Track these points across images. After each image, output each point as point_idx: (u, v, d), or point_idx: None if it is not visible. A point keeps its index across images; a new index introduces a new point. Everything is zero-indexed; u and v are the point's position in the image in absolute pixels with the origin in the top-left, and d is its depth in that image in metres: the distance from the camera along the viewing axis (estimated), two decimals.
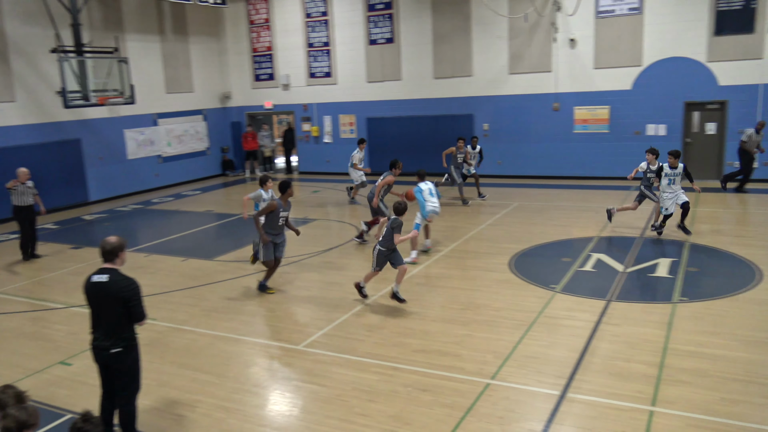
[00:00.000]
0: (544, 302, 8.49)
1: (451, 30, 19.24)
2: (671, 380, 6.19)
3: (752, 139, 15.09)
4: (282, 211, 8.92)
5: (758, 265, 9.62)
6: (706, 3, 16.12)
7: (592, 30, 17.43)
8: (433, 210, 10.97)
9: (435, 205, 11.02)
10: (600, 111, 17.72)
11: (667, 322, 7.65)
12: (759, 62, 15.85)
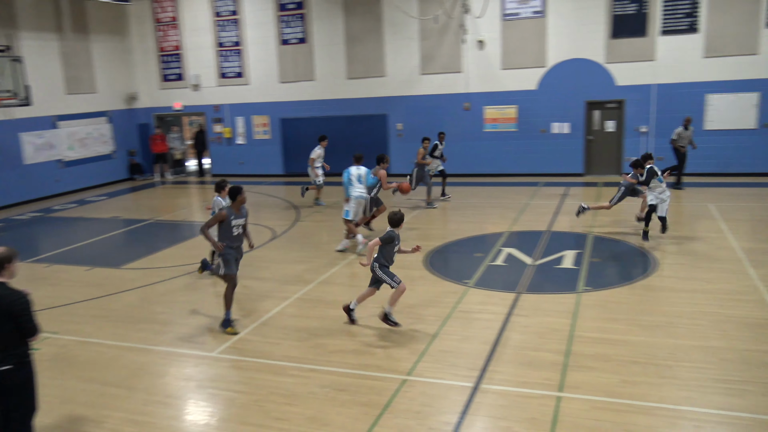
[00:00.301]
0: (458, 297, 8.70)
1: (364, 31, 19.35)
2: (577, 366, 6.50)
3: (681, 136, 15.63)
4: (234, 219, 7.79)
5: (654, 254, 10.26)
6: (603, 8, 17.00)
7: (498, 32, 18.00)
8: (360, 195, 11.14)
9: (359, 191, 11.17)
10: (508, 110, 18.33)
11: (573, 311, 8.02)
12: (652, 63, 16.89)
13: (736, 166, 16.59)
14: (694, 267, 9.61)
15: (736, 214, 12.68)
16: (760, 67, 16.07)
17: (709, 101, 16.62)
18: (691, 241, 11.03)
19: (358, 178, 11.30)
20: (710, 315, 7.72)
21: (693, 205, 13.82)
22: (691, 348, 6.82)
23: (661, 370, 6.37)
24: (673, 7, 16.46)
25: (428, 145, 15.06)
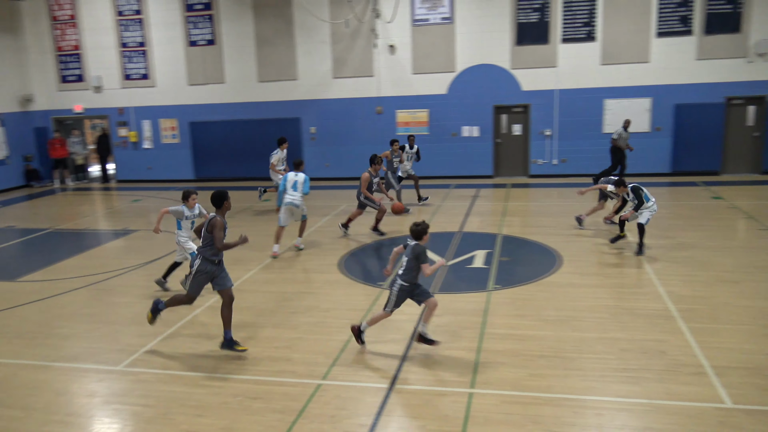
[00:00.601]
0: (372, 299, 8.75)
1: (275, 33, 19.14)
2: (488, 362, 6.68)
3: (622, 137, 16.39)
4: (227, 230, 7.09)
5: (559, 252, 10.73)
6: (508, 16, 17.63)
7: (409, 37, 18.29)
8: (291, 202, 11.04)
9: (291, 198, 11.07)
10: (420, 114, 18.65)
11: (484, 309, 8.25)
12: (554, 70, 17.67)
13: (632, 168, 17.60)
14: (597, 263, 10.12)
15: None
16: (652, 74, 17.17)
17: (606, 106, 17.58)
18: (593, 238, 11.61)
19: (294, 185, 11.13)
20: (611, 308, 8.15)
21: (593, 204, 14.51)
22: (594, 340, 7.17)
23: (567, 362, 6.65)
24: (572, 17, 17.30)
25: (397, 148, 14.80)
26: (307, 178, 11.35)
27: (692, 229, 12.00)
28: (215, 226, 6.87)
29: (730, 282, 9.00)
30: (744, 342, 6.97)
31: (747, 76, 16.77)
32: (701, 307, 8.02)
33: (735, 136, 17.22)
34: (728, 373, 6.24)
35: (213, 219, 6.95)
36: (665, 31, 16.92)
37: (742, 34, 16.59)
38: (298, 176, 11.22)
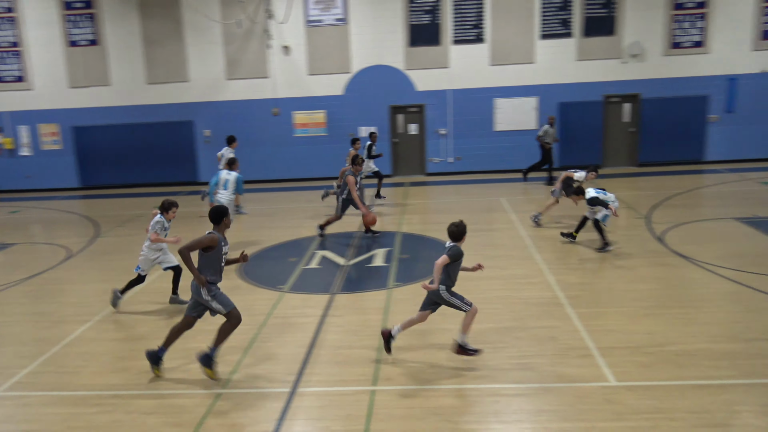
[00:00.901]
0: (273, 303, 8.62)
1: (163, 34, 18.42)
2: (390, 359, 6.75)
3: (548, 133, 16.77)
4: (225, 247, 6.54)
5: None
6: (400, 17, 17.92)
7: (303, 38, 18.17)
8: (218, 201, 10.89)
9: (220, 196, 11.00)
10: (317, 115, 18.59)
11: (385, 307, 8.33)
12: (447, 70, 18.16)
13: (521, 163, 18.40)
14: (491, 256, 10.48)
15: (523, 206, 14.06)
16: (537, 74, 18.03)
17: (497, 105, 18.27)
18: (487, 232, 12.02)
19: (225, 184, 11.13)
20: (504, 299, 8.47)
21: (488, 199, 15.07)
22: (489, 330, 7.42)
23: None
24: (461, 19, 17.84)
25: (359, 147, 14.68)
26: (239, 178, 11.26)
27: (579, 220, 12.67)
28: (201, 241, 6.32)
29: (613, 268, 9.60)
30: (626, 323, 7.46)
31: (622, 75, 17.96)
32: (587, 293, 8.51)
33: (613, 131, 18.40)
34: (612, 353, 6.65)
35: (210, 233, 6.38)
36: (548, 34, 17.81)
37: (616, 37, 17.76)
38: (230, 175, 11.16)
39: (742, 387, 5.90)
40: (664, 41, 17.75)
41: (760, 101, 17.78)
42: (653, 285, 8.76)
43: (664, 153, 18.20)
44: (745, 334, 7.03)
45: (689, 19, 17.61)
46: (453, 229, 6.51)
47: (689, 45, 17.75)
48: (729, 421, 5.36)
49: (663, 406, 5.61)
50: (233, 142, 14.68)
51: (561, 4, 17.64)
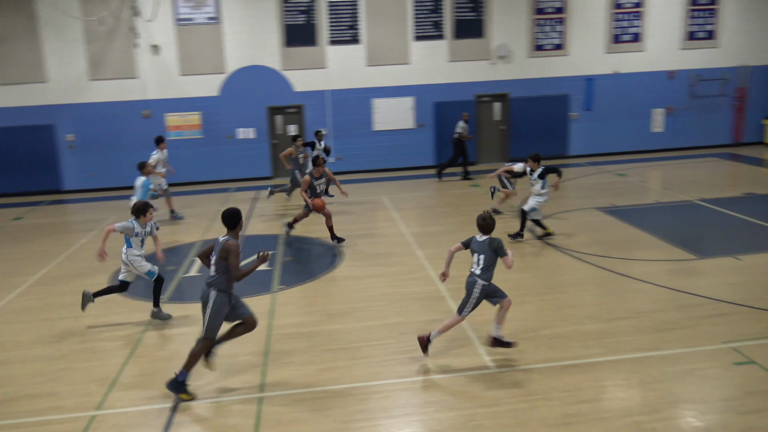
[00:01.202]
0: (149, 315, 8.20)
1: (15, 30, 16.95)
2: (276, 364, 6.66)
3: (465, 130, 17.06)
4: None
5: (339, 247, 11.05)
6: (275, 17, 17.68)
7: (174, 37, 17.44)
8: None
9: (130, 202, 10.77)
10: (192, 117, 17.92)
11: (269, 310, 8.19)
12: (324, 71, 18.15)
13: (400, 161, 18.80)
14: (375, 254, 10.61)
15: (404, 204, 14.37)
16: (413, 74, 18.48)
17: (375, 105, 18.52)
18: (370, 231, 12.16)
19: (135, 189, 11.11)
20: (389, 295, 8.60)
21: (370, 198, 15.24)
22: (376, 327, 7.52)
23: (352, 352, 6.89)
24: (337, 20, 17.91)
25: (300, 145, 14.17)
26: (144, 183, 10.77)
27: (457, 215, 13.16)
28: (230, 252, 5.80)
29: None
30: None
31: (492, 76, 18.84)
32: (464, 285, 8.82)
33: (486, 129, 19.25)
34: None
35: (226, 243, 5.86)
36: (421, 35, 18.31)
37: (485, 39, 18.59)
38: (137, 180, 10.75)
39: (608, 363, 6.38)
40: (528, 44, 18.81)
41: (613, 100, 19.32)
42: (526, 274, 9.26)
43: (532, 149, 19.18)
44: (609, 314, 7.61)
45: (549, 23, 18.78)
46: (482, 223, 6.36)
47: (550, 48, 18.94)
48: (598, 396, 5.78)
49: (539, 387, 5.95)
50: (161, 143, 13.81)
51: (432, 7, 18.19)
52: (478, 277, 6.32)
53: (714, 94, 19.75)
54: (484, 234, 6.37)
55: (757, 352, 6.43)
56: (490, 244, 6.29)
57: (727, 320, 7.27)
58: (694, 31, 19.41)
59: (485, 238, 6.36)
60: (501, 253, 6.26)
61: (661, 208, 12.89)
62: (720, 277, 8.76)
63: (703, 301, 7.88)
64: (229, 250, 5.81)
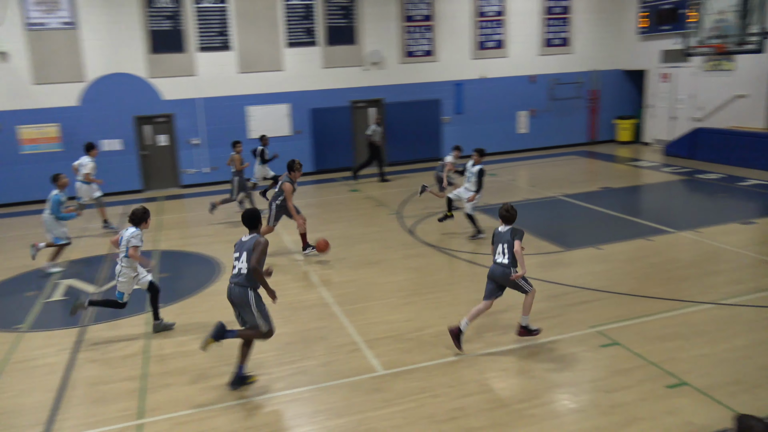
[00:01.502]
0: (9, 347, 7.49)
1: None
2: (156, 387, 6.31)
3: (377, 132, 17.19)
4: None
5: (219, 259, 10.71)
6: (138, 23, 16.83)
7: (24, 43, 16.10)
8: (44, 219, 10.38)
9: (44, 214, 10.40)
10: (49, 129, 16.61)
11: (145, 331, 7.76)
12: (194, 78, 17.53)
13: (278, 169, 18.44)
14: None
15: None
16: (287, 81, 18.31)
17: (250, 112, 18.15)
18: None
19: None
20: (273, 306, 8.42)
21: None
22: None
23: (231, 368, 6.66)
24: (206, 26, 17.37)
25: (241, 150, 13.70)
26: (54, 198, 10.24)
27: (338, 220, 13.18)
28: (258, 246, 6.02)
29: (372, 263, 10.14)
30: (388, 314, 7.94)
31: (365, 82, 19.08)
32: (351, 290, 8.87)
33: (362, 134, 19.43)
34: (378, 345, 7.03)
35: (257, 239, 6.07)
36: (294, 42, 18.19)
37: (358, 46, 18.80)
38: (52, 193, 10.32)
39: (488, 356, 6.65)
40: (399, 50, 19.26)
41: (481, 103, 20.25)
42: (409, 275, 9.45)
43: (408, 153, 19.76)
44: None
45: (419, 30, 19.36)
46: (506, 214, 6.72)
47: (421, 54, 19.52)
48: (482, 389, 6.00)
49: (426, 385, 6.08)
50: (92, 149, 13.09)
51: (304, 13, 18.13)
52: (506, 266, 6.62)
53: (570, 97, 21.28)
54: (507, 224, 6.75)
55: (620, 334, 6.97)
56: (512, 233, 6.64)
57: (593, 306, 7.83)
58: (551, 38, 20.81)
59: (508, 228, 6.73)
60: (518, 237, 6.61)
61: (530, 205, 13.66)
62: (584, 267, 9.42)
63: (571, 290, 8.43)
64: (258, 245, 6.02)
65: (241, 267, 6.05)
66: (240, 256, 6.08)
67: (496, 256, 6.74)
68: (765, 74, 16.86)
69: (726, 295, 7.87)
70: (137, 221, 7.39)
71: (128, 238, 7.31)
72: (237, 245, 6.18)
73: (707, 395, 5.62)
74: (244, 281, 6.02)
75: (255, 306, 6.06)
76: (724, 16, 14.84)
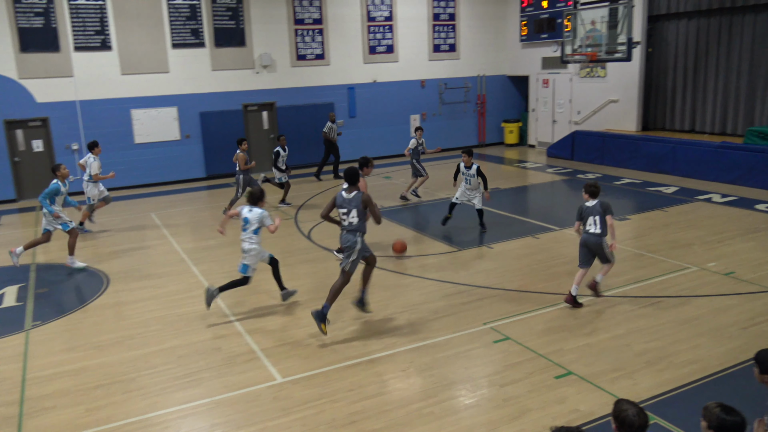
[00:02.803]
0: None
1: None
2: (35, 411, 5.87)
3: (333, 129, 17.53)
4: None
5: (104, 272, 10.12)
6: (5, 19, 15.59)
7: None
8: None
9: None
10: None
11: (23, 352, 7.20)
12: (71, 79, 16.47)
13: (168, 175, 17.84)
14: (144, 276, 9.90)
15: (175, 219, 13.64)
16: (174, 83, 17.63)
17: (134, 116, 17.31)
18: (139, 251, 11.33)
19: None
20: (164, 318, 8.09)
21: (137, 216, 14.20)
22: (152, 354, 7.01)
23: (126, 385, 6.34)
24: (82, 24, 16.38)
25: (246, 148, 13.44)
26: (52, 185, 10.15)
27: (232, 226, 12.78)
28: (371, 201, 7.23)
29: (268, 270, 9.95)
30: (286, 321, 7.83)
31: (257, 85, 18.75)
32: (249, 298, 8.67)
33: (256, 138, 19.09)
34: (276, 353, 6.91)
35: (364, 195, 7.20)
36: (180, 43, 17.54)
37: (248, 48, 18.43)
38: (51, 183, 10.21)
39: (386, 357, 6.72)
40: (291, 53, 19.08)
41: (374, 107, 20.48)
42: (306, 280, 9.37)
43: (304, 156, 19.61)
44: (386, 310, 8.02)
45: (310, 33, 19.28)
46: (593, 189, 7.65)
47: (312, 57, 19.44)
48: (380, 390, 6.05)
49: (325, 391, 6.05)
50: (95, 147, 12.82)
51: (189, 13, 17.53)
52: (598, 236, 7.62)
53: (460, 101, 22.00)
54: (593, 198, 7.66)
55: (511, 329, 7.28)
56: (601, 206, 7.57)
57: (485, 303, 8.12)
58: (439, 44, 21.41)
59: (595, 202, 7.62)
60: (609, 211, 7.58)
61: (424, 207, 13.97)
62: (477, 266, 9.76)
63: (465, 288, 8.69)
64: (369, 200, 7.22)
65: (351, 220, 7.24)
66: (349, 211, 7.22)
67: (587, 227, 7.72)
68: (634, 80, 18.25)
69: (606, 287, 8.41)
70: (258, 201, 8.00)
71: (260, 218, 7.88)
72: (340, 201, 7.25)
73: (591, 383, 5.98)
74: (354, 228, 7.26)
75: (358, 249, 7.30)
76: (596, 26, 15.90)
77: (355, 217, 7.20)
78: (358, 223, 7.24)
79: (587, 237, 7.69)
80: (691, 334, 6.95)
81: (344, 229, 7.32)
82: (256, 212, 7.89)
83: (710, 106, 17.47)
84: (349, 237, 7.28)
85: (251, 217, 7.92)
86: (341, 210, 7.26)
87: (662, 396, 5.71)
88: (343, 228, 7.33)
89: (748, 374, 4.21)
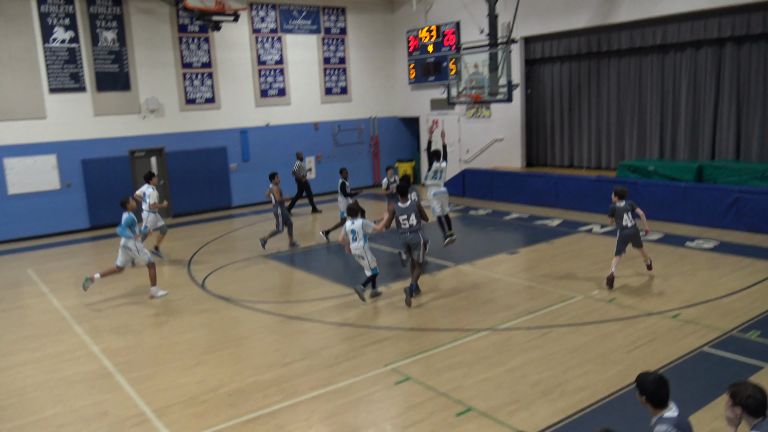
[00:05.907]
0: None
1: None
2: None
3: (301, 168, 18.39)
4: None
5: None
6: None
7: None
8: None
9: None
10: None
11: None
12: None
13: (47, 227, 16.68)
14: (20, 338, 9.09)
15: (55, 275, 12.72)
16: (52, 130, 16.66)
17: (8, 165, 16.14)
18: (13, 311, 10.43)
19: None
20: (42, 384, 7.45)
21: (11, 273, 13.12)
22: (26, 426, 6.40)
23: None
24: None
25: (279, 181, 13.93)
26: (127, 218, 10.35)
27: (119, 279, 12.12)
28: (422, 208, 9.61)
29: (160, 324, 9.48)
30: (178, 377, 7.42)
31: (145, 130, 18.08)
32: (136, 356, 8.16)
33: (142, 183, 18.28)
34: (168, 412, 6.52)
35: (417, 203, 9.57)
36: (58, 88, 16.65)
37: (133, 92, 17.80)
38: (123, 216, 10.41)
39: (288, 408, 6.51)
40: (179, 97, 18.63)
41: (268, 150, 20.31)
42: (200, 332, 8.98)
43: (195, 202, 19.04)
44: (285, 359, 7.81)
45: (199, 77, 18.94)
46: (623, 192, 9.77)
47: (203, 101, 19.08)
48: None
49: None
50: (152, 177, 13.22)
51: (67, 57, 16.74)
52: (635, 227, 9.74)
53: (353, 143, 22.30)
54: (622, 200, 9.78)
55: (411, 369, 7.29)
56: (630, 205, 9.75)
57: (386, 344, 8.10)
58: (331, 87, 21.71)
59: (624, 202, 9.76)
60: (636, 206, 9.80)
61: (321, 249, 13.89)
62: (375, 305, 9.76)
63: (365, 330, 8.65)
64: (421, 206, 9.59)
65: (412, 222, 9.49)
66: (408, 216, 9.50)
67: (623, 222, 9.69)
68: (516, 120, 19.29)
69: (501, 320, 8.66)
70: (357, 213, 9.72)
71: (362, 226, 9.62)
72: (399, 210, 9.54)
73: (491, 417, 6.08)
74: (416, 229, 9.50)
75: (423, 246, 9.53)
76: (479, 69, 16.73)
77: (414, 219, 9.43)
78: (418, 224, 9.47)
79: (627, 231, 9.71)
80: (581, 361, 7.26)
81: (406, 231, 9.50)
82: (359, 223, 9.60)
83: (586, 142, 18.77)
84: (413, 236, 9.48)
85: (357, 228, 9.61)
86: (401, 216, 9.46)
87: (558, 424, 5.89)
88: (405, 230, 9.50)
89: (633, 397, 4.44)
